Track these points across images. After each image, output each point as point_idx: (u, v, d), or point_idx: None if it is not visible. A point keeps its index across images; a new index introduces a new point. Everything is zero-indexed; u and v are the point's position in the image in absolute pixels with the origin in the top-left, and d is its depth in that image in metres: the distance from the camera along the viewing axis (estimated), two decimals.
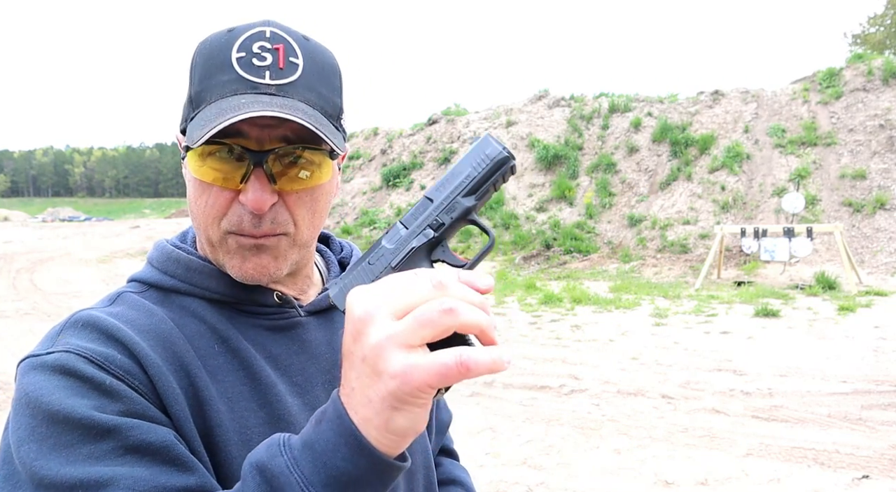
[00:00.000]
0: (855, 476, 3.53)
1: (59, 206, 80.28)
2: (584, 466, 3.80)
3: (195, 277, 0.75)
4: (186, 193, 0.74)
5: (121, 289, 0.76)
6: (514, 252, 14.59)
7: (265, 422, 0.69)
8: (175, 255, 0.76)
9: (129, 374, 0.64)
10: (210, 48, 0.69)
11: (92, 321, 0.67)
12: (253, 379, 0.71)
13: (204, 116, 0.66)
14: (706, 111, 16.11)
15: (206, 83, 0.68)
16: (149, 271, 0.77)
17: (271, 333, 0.75)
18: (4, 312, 9.56)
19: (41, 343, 0.67)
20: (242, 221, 0.69)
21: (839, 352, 6.09)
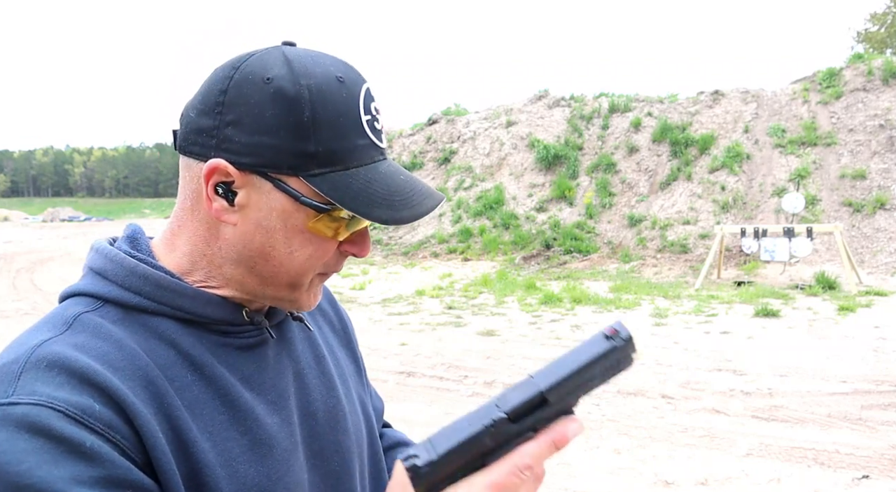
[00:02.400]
0: (855, 476, 3.53)
1: (59, 206, 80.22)
2: (584, 466, 3.80)
3: (166, 295, 0.68)
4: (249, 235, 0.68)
5: (71, 308, 0.66)
6: (514, 252, 14.59)
7: (248, 448, 0.68)
8: (140, 270, 0.68)
9: (111, 427, 0.57)
10: (332, 106, 0.65)
11: (60, 361, 0.58)
12: (231, 406, 0.69)
13: (367, 188, 0.66)
14: (706, 111, 16.11)
15: (340, 144, 0.65)
16: (103, 285, 0.68)
17: (241, 352, 0.73)
18: (4, 312, 9.57)
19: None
20: (339, 264, 0.73)
21: (839, 352, 6.10)
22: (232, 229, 0.68)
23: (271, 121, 0.64)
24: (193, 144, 0.67)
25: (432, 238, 16.31)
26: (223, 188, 0.66)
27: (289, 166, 0.64)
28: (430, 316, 8.69)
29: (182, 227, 0.71)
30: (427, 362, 6.27)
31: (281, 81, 0.64)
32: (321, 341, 0.86)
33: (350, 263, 15.21)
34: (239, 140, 0.64)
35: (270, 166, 0.65)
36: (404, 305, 9.59)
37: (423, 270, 13.61)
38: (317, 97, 0.64)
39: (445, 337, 7.40)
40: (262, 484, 0.67)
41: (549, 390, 0.53)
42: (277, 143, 0.64)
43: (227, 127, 0.65)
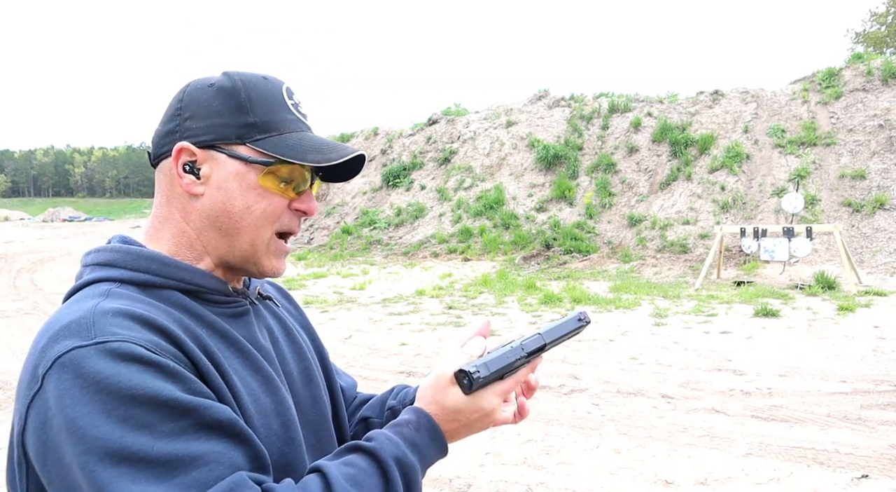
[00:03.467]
0: (854, 476, 3.54)
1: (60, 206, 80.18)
2: (584, 465, 3.81)
3: (170, 270, 0.83)
4: (216, 200, 0.84)
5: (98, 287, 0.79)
6: (514, 252, 14.60)
7: (262, 383, 0.84)
8: (145, 252, 0.83)
9: (177, 358, 0.72)
10: (260, 89, 0.86)
11: (122, 311, 0.72)
12: (241, 351, 0.84)
13: (299, 143, 0.85)
14: (706, 111, 16.12)
15: (272, 116, 0.85)
16: (113, 271, 0.82)
17: (233, 320, 0.88)
18: (5, 312, 9.57)
19: (71, 336, 0.69)
20: (293, 224, 0.89)
21: (839, 352, 6.10)
22: (200, 201, 0.84)
23: (218, 107, 0.84)
24: (163, 146, 0.86)
25: (432, 238, 16.31)
26: (189, 166, 0.84)
27: (237, 136, 0.84)
28: (430, 316, 8.69)
29: (162, 222, 0.87)
30: (427, 362, 6.28)
31: (221, 82, 0.85)
32: (286, 318, 1.03)
33: (351, 263, 15.22)
34: (196, 126, 0.84)
35: (223, 139, 0.83)
36: (404, 305, 9.59)
37: (423, 270, 13.61)
38: (249, 85, 0.86)
39: (445, 337, 7.41)
40: (278, 409, 0.84)
41: (549, 343, 0.90)
42: (225, 121, 0.84)
43: (186, 121, 0.84)
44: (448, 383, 0.84)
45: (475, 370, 0.81)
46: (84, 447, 0.63)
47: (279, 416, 0.84)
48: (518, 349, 0.86)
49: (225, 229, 0.85)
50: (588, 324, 0.95)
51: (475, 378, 0.81)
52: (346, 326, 8.06)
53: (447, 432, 0.85)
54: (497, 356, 0.84)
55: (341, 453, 0.80)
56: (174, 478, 0.64)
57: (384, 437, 0.80)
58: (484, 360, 0.83)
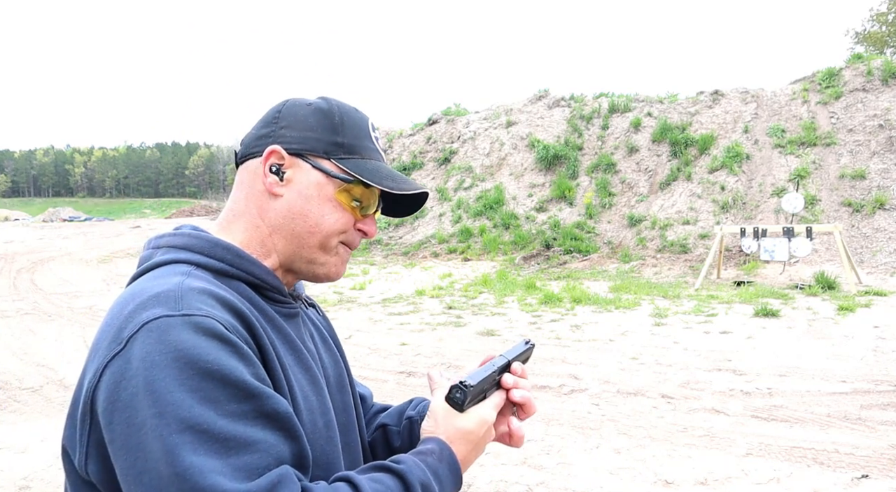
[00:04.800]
0: (854, 476, 3.54)
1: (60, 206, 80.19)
2: (584, 466, 3.81)
3: (244, 263, 0.88)
4: (292, 202, 0.91)
5: (176, 267, 0.84)
6: (514, 252, 14.59)
7: (310, 382, 0.89)
8: (222, 242, 0.89)
9: (247, 342, 0.77)
10: (352, 117, 0.95)
11: (207, 290, 0.78)
12: (295, 350, 0.90)
13: (377, 169, 0.94)
14: (706, 111, 16.12)
15: (358, 142, 0.94)
16: (190, 255, 0.86)
17: (286, 319, 0.93)
18: (5, 312, 9.57)
19: (160, 304, 0.73)
20: (355, 240, 0.97)
21: (839, 352, 6.10)
22: (279, 201, 0.91)
23: (313, 123, 0.93)
24: (255, 146, 0.93)
25: (432, 238, 16.31)
26: (276, 168, 0.91)
27: (324, 151, 0.92)
28: (430, 316, 8.69)
29: (237, 215, 0.94)
30: (427, 362, 6.28)
31: (318, 104, 0.95)
32: (323, 327, 1.09)
33: (351, 263, 15.20)
34: (290, 136, 0.92)
35: (312, 150, 0.92)
36: (404, 305, 9.59)
37: (423, 270, 13.61)
38: (342, 111, 0.95)
39: (445, 337, 7.41)
40: (322, 409, 0.89)
41: (511, 361, 1.01)
42: (318, 136, 0.92)
43: (282, 129, 0.93)
44: (447, 409, 0.90)
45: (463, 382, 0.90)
46: (158, 410, 0.67)
47: (323, 415, 0.89)
48: (491, 366, 0.96)
49: (298, 231, 0.91)
50: (533, 346, 1.10)
51: (467, 386, 0.88)
52: (347, 326, 8.06)
53: (463, 459, 0.89)
54: (477, 371, 0.94)
55: (369, 469, 0.83)
56: (228, 457, 0.68)
57: (412, 462, 0.83)
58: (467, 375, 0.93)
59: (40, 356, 6.74)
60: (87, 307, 9.90)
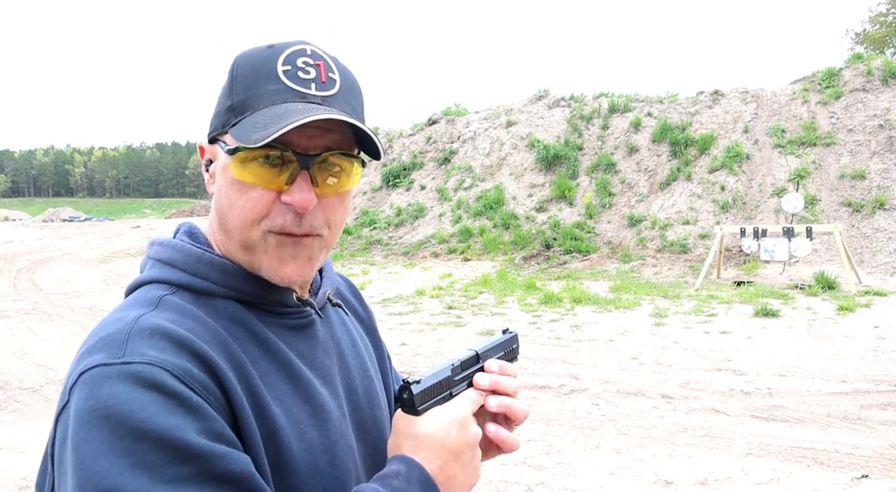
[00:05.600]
0: (854, 476, 3.54)
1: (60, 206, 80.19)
2: (584, 466, 3.81)
3: (230, 279, 0.76)
4: (216, 198, 0.77)
5: (152, 291, 0.74)
6: (514, 252, 14.59)
7: (311, 415, 0.76)
8: (206, 257, 0.76)
9: (206, 389, 0.65)
10: (253, 61, 0.74)
11: (160, 330, 0.66)
12: (293, 378, 0.77)
13: (257, 120, 0.70)
14: (706, 111, 16.12)
15: (251, 92, 0.73)
16: (172, 272, 0.76)
17: (294, 332, 0.80)
18: (5, 312, 9.57)
19: (103, 350, 0.63)
20: (286, 220, 0.73)
21: (839, 352, 6.10)
22: (214, 199, 0.79)
23: (220, 95, 0.77)
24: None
25: (432, 238, 16.31)
26: (208, 164, 0.80)
27: (222, 124, 0.75)
28: (430, 316, 8.69)
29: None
30: (427, 362, 6.28)
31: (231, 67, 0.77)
32: (353, 328, 0.95)
33: (351, 263, 15.21)
34: (212, 120, 0.78)
35: (216, 129, 0.77)
36: (404, 305, 9.59)
37: (423, 270, 13.61)
38: (241, 60, 0.75)
39: (445, 337, 7.41)
40: (325, 445, 0.76)
41: (481, 354, 0.85)
42: (218, 108, 0.77)
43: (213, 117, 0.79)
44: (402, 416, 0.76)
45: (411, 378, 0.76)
46: (79, 479, 0.58)
47: (326, 452, 0.76)
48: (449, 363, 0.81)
49: (225, 229, 0.77)
50: (514, 336, 0.93)
51: (411, 383, 0.75)
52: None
53: (439, 471, 0.73)
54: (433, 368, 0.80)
55: None
56: None
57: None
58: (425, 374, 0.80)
59: (40, 356, 6.74)
60: (87, 307, 9.90)
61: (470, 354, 0.84)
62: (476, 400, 0.80)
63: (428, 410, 0.76)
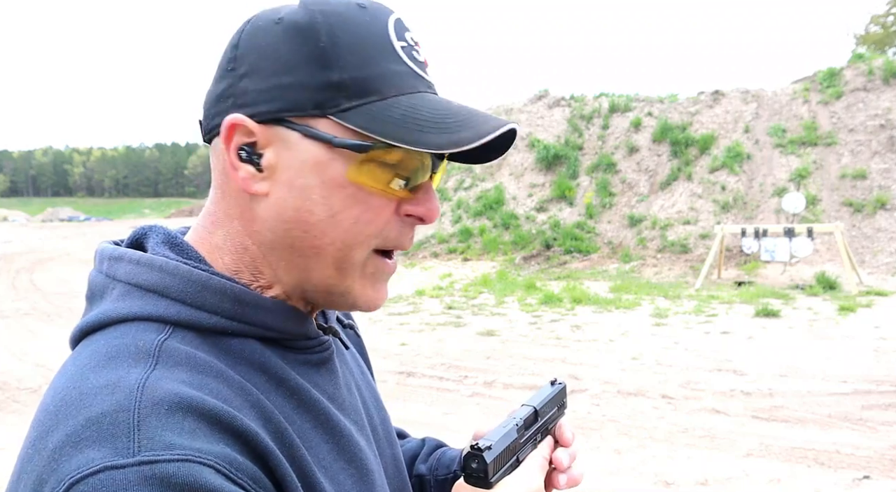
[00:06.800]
0: (855, 477, 3.53)
1: (59, 206, 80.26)
2: (585, 466, 3.80)
3: (248, 312, 0.57)
4: (287, 203, 0.56)
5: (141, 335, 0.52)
6: (514, 252, 14.59)
7: (358, 479, 0.62)
8: (214, 283, 0.56)
9: (256, 481, 0.47)
10: (355, 24, 0.55)
11: (183, 403, 0.46)
12: (332, 434, 0.61)
13: (407, 115, 0.55)
14: (706, 111, 16.11)
15: (370, 70, 0.55)
16: (167, 305, 0.54)
17: (317, 369, 0.63)
18: (4, 313, 9.56)
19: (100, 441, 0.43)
20: (400, 235, 0.60)
21: (839, 352, 6.09)
22: (265, 203, 0.57)
23: (288, 57, 0.54)
24: (214, 116, 0.57)
25: (432, 238, 16.30)
26: (247, 152, 0.56)
27: (314, 105, 0.54)
28: (430, 316, 8.68)
29: (217, 222, 0.60)
30: (427, 362, 6.27)
31: (292, 16, 0.55)
32: (353, 349, 0.79)
33: None
34: (255, 88, 0.55)
35: (293, 109, 0.54)
36: (404, 306, 9.58)
37: (423, 270, 13.61)
38: (333, 20, 0.55)
39: (445, 337, 7.40)
40: None
41: (538, 409, 0.76)
42: (296, 79, 0.54)
43: (242, 80, 0.56)
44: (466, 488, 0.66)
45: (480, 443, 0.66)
46: None
47: None
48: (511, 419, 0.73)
49: (300, 250, 0.57)
50: (563, 387, 0.85)
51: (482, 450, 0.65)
52: None
53: None
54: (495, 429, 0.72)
55: None
56: None
57: None
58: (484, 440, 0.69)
59: (39, 357, 6.73)
60: None
61: (528, 410, 0.75)
62: (544, 466, 0.72)
63: (499, 481, 0.66)
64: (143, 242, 0.61)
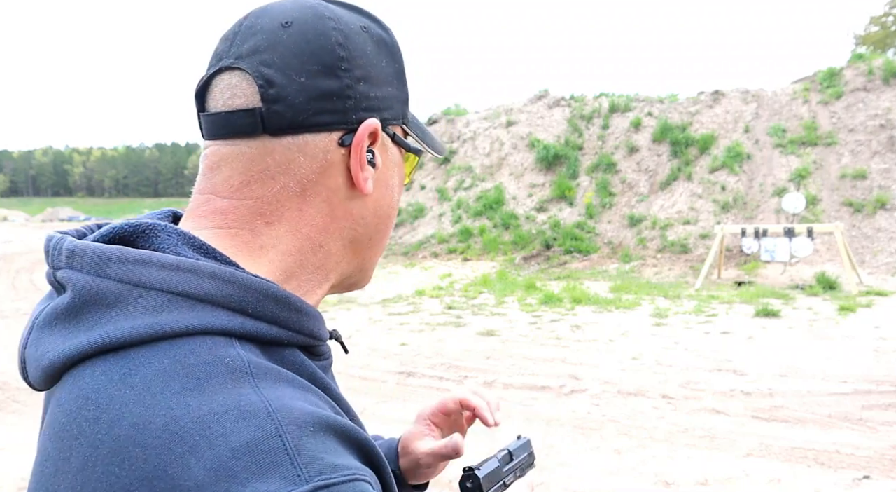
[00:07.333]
0: (855, 477, 3.53)
1: (59, 206, 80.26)
2: (585, 466, 3.80)
3: (301, 320, 0.54)
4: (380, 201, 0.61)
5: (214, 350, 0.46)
6: (514, 252, 14.59)
7: None
8: (274, 292, 0.52)
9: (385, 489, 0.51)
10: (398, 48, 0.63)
11: (320, 421, 0.45)
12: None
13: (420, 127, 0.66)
14: (706, 111, 16.11)
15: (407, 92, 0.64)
16: (227, 317, 0.49)
17: (330, 376, 0.61)
18: (4, 312, 9.56)
19: (264, 472, 0.40)
20: None
21: (839, 352, 6.09)
22: (363, 201, 0.59)
23: (387, 69, 0.59)
24: (319, 112, 0.55)
25: (432, 238, 16.30)
26: (372, 153, 0.58)
27: (402, 115, 0.62)
28: (430, 316, 8.68)
29: (275, 221, 0.56)
30: (427, 362, 6.27)
31: (374, 29, 0.60)
32: None
33: None
34: (375, 95, 0.58)
35: (395, 118, 0.61)
36: (404, 306, 9.58)
37: (423, 270, 13.60)
38: (396, 41, 0.63)
39: (445, 337, 7.39)
40: None
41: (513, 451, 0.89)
42: (395, 91, 0.60)
43: (359, 83, 0.56)
44: None
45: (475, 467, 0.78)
46: None
47: None
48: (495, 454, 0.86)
49: (376, 241, 0.63)
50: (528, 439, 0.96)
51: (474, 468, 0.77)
52: (346, 327, 8.05)
53: None
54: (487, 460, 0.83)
55: None
56: None
57: None
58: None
59: None
60: None
61: (504, 451, 0.87)
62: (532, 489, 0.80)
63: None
64: (136, 240, 0.53)
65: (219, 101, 0.56)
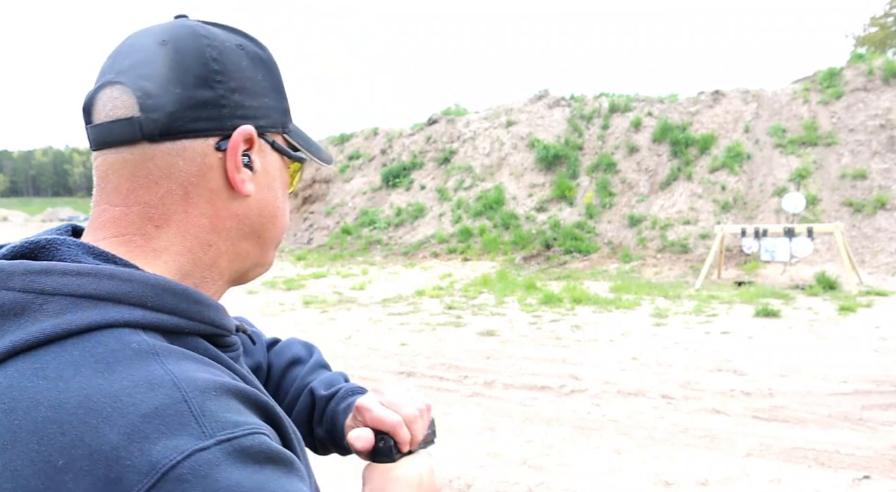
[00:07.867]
0: (856, 477, 3.52)
1: (59, 206, 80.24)
2: (585, 466, 3.79)
3: (201, 310, 0.59)
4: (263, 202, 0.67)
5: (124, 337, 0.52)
6: (514, 252, 14.58)
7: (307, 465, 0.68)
8: (172, 286, 0.57)
9: (288, 447, 0.57)
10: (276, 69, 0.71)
11: (220, 386, 0.51)
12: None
13: (303, 136, 0.73)
14: (706, 111, 16.11)
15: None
16: (128, 311, 0.53)
17: (241, 365, 0.68)
18: None
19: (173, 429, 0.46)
20: None
21: (840, 352, 6.09)
22: (245, 202, 0.65)
23: (262, 82, 0.66)
24: (194, 119, 0.60)
25: (432, 238, 16.30)
26: (247, 157, 0.65)
27: (280, 124, 0.68)
28: (430, 316, 8.68)
29: (163, 225, 0.61)
30: (427, 362, 6.26)
31: (249, 47, 0.66)
32: None
33: (350, 263, 15.20)
34: (250, 105, 0.64)
35: (272, 126, 0.67)
36: (404, 306, 9.58)
37: (423, 270, 13.60)
38: (272, 57, 0.70)
39: (445, 337, 7.39)
40: None
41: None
42: (271, 102, 0.67)
43: (234, 94, 0.63)
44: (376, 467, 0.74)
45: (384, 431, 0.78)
46: None
47: None
48: None
49: (266, 237, 0.68)
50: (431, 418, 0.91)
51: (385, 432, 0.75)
52: (346, 327, 8.05)
53: None
54: None
55: None
56: None
57: None
58: None
59: None
60: None
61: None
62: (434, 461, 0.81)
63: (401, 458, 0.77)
64: (38, 256, 0.56)
65: (102, 113, 0.61)
